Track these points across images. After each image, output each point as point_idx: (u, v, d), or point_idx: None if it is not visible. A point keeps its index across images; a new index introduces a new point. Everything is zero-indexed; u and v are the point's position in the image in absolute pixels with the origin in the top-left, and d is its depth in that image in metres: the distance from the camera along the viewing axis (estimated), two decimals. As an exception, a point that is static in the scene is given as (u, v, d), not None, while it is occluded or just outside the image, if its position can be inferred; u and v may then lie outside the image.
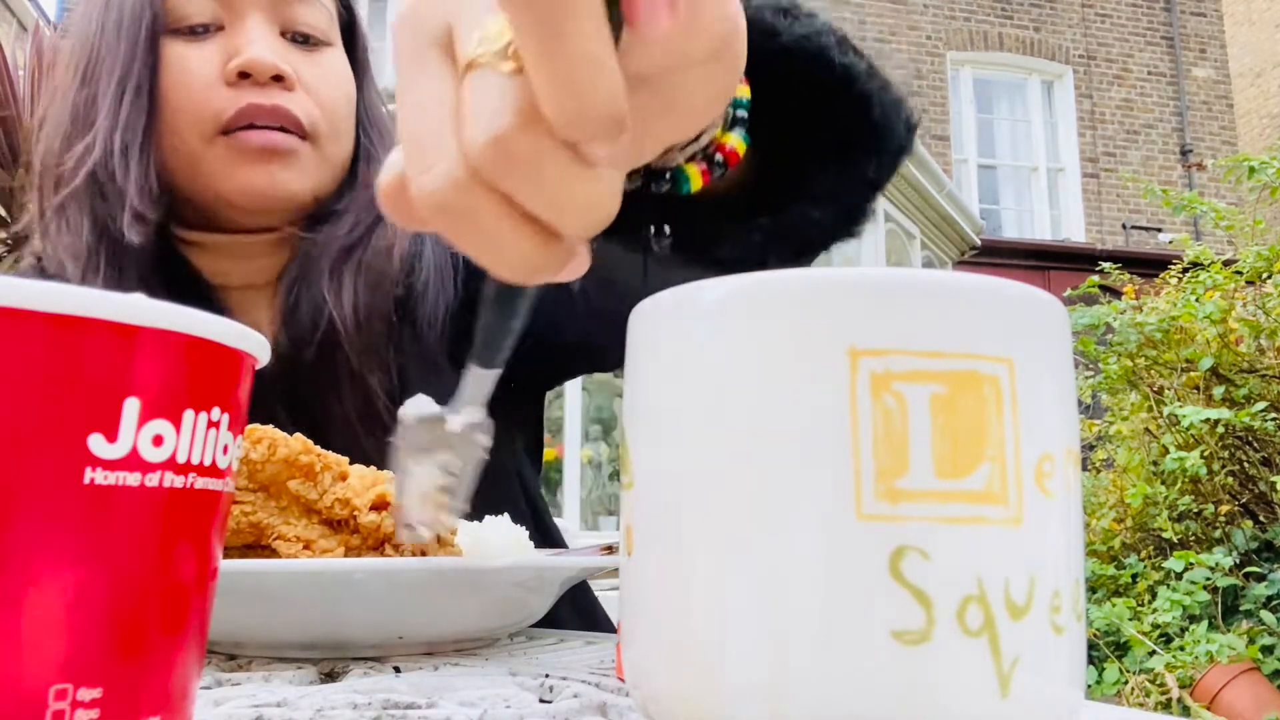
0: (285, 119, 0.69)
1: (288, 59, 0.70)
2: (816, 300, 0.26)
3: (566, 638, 0.59)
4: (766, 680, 0.25)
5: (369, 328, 0.70)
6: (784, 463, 0.25)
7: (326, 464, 0.50)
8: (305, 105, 0.70)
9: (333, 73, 0.73)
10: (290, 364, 0.69)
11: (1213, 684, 2.53)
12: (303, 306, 0.70)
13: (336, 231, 0.72)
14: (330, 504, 0.50)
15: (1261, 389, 3.15)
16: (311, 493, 0.49)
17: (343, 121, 0.74)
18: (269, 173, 0.68)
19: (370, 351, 0.70)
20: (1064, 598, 0.26)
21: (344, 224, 0.72)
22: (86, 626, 0.21)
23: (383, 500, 0.51)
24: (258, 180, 0.68)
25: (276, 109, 0.68)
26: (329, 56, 0.74)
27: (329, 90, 0.72)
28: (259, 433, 0.49)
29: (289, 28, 0.72)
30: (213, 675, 0.43)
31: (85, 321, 0.21)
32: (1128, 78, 8.77)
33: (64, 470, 0.20)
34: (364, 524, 0.50)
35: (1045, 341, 0.27)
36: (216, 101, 0.68)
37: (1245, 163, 3.55)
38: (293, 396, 0.69)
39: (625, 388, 0.30)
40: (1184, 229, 7.44)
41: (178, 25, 0.69)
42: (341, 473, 0.51)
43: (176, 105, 0.68)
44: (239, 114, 0.67)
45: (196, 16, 0.69)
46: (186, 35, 0.69)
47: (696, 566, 0.26)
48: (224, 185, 0.69)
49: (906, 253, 5.77)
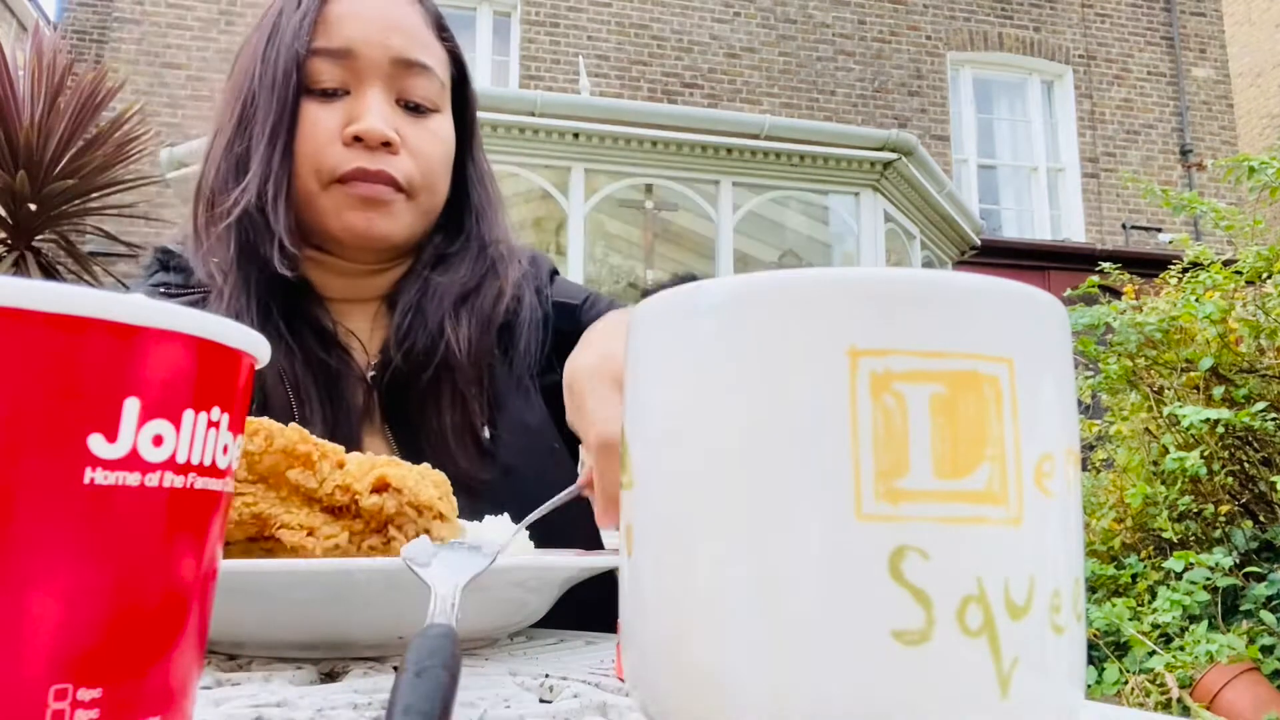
0: (387, 180, 0.81)
1: (397, 125, 0.82)
2: (816, 300, 0.26)
3: (566, 638, 0.59)
4: (767, 680, 0.25)
5: (477, 361, 0.84)
6: (784, 463, 0.25)
7: (324, 452, 0.50)
8: (405, 166, 0.82)
9: (435, 136, 0.85)
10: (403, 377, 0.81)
11: (1213, 684, 2.53)
12: (416, 332, 0.82)
13: (456, 275, 0.86)
14: (331, 491, 0.50)
15: (1261, 389, 3.15)
16: (311, 481, 0.50)
17: (438, 177, 0.86)
18: (368, 219, 0.81)
19: (475, 379, 0.84)
20: (1064, 598, 0.26)
21: (462, 270, 0.87)
22: (86, 626, 0.21)
23: (383, 482, 0.51)
24: (359, 224, 0.81)
25: (380, 173, 0.81)
26: (435, 122, 0.86)
27: (429, 151, 0.84)
28: (255, 424, 0.49)
29: (403, 97, 0.83)
30: (213, 675, 0.43)
31: (85, 321, 0.21)
32: (1128, 78, 8.76)
33: (64, 470, 0.20)
34: (366, 507, 0.50)
35: (1045, 341, 0.27)
36: (334, 158, 0.80)
37: (1245, 163, 3.54)
38: (396, 407, 0.82)
39: (625, 388, 0.30)
40: (1184, 229, 7.44)
41: (313, 86, 0.81)
42: (339, 460, 0.51)
43: (304, 155, 0.81)
44: (351, 173, 0.80)
45: (329, 81, 0.82)
46: (319, 97, 0.82)
47: (696, 566, 0.26)
48: (332, 224, 0.81)
49: (906, 253, 5.77)
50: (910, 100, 8.21)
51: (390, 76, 0.82)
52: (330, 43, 0.81)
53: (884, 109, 8.11)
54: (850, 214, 5.49)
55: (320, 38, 0.81)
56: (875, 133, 5.51)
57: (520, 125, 4.90)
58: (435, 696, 0.26)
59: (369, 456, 0.53)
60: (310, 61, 0.81)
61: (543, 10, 7.71)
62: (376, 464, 0.52)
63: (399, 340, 0.82)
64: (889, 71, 8.23)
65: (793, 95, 7.93)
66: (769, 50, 7.99)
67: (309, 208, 0.82)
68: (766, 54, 7.98)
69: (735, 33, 7.96)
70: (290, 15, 0.82)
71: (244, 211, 0.80)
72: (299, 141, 0.81)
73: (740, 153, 5.19)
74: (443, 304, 0.84)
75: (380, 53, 0.82)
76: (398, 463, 0.53)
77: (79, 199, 4.26)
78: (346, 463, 0.51)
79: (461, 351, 0.82)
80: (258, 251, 0.80)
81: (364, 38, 0.82)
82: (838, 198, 5.52)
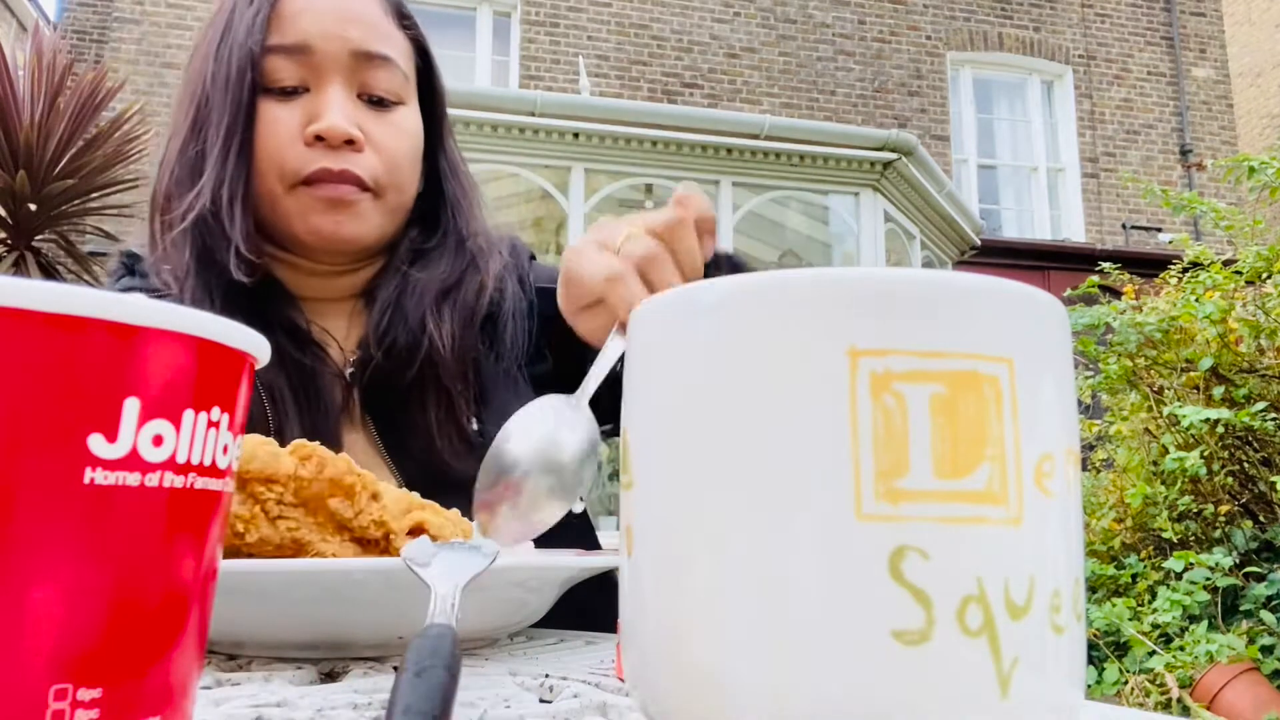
0: (351, 179, 0.79)
1: (360, 120, 0.80)
2: (816, 300, 0.26)
3: (566, 638, 0.59)
4: (766, 680, 0.25)
5: (461, 356, 0.82)
6: (784, 463, 0.25)
7: (364, 484, 0.51)
8: (370, 164, 0.80)
9: (401, 130, 0.82)
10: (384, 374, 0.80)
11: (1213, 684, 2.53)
12: (397, 329, 0.80)
13: (436, 271, 0.84)
14: (366, 524, 0.50)
15: (1261, 389, 3.15)
16: (348, 511, 0.50)
17: (405, 173, 0.83)
18: (335, 222, 0.79)
19: (460, 374, 0.82)
20: (1064, 598, 0.26)
21: (441, 265, 0.85)
22: (86, 626, 0.21)
23: (419, 528, 0.51)
24: (325, 227, 0.79)
25: (344, 172, 0.78)
26: (399, 115, 0.83)
27: (395, 146, 0.81)
28: (308, 449, 0.49)
29: (365, 91, 0.81)
30: (213, 675, 0.43)
31: (85, 321, 0.21)
32: (1128, 78, 8.76)
33: (64, 470, 0.20)
34: (398, 548, 0.50)
35: (1045, 341, 0.27)
36: (296, 159, 0.78)
37: (1245, 163, 3.54)
38: (378, 404, 0.81)
39: (625, 388, 0.30)
40: (1184, 229, 7.44)
41: (271, 85, 0.79)
42: (374, 493, 0.51)
43: (265, 157, 0.78)
44: (314, 174, 0.78)
45: (287, 79, 0.79)
46: (278, 95, 0.79)
47: (696, 566, 0.26)
48: (298, 228, 0.79)
49: (906, 253, 5.77)
50: (910, 100, 8.21)
51: (350, 70, 0.80)
52: (285, 39, 0.78)
53: (884, 109, 8.11)
54: (850, 214, 5.49)
55: (275, 34, 0.78)
56: (875, 133, 5.51)
57: (520, 125, 4.90)
58: (435, 696, 0.26)
59: (405, 494, 0.53)
60: (266, 59, 0.78)
61: (543, 10, 7.71)
62: (413, 505, 0.52)
63: (379, 338, 0.80)
64: (889, 71, 8.23)
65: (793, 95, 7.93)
66: (769, 50, 7.99)
67: (273, 211, 0.80)
68: (766, 54, 7.98)
69: (735, 33, 7.96)
70: (243, 12, 0.79)
71: (199, 217, 0.77)
72: (259, 143, 0.78)
73: (740, 153, 5.19)
74: (423, 300, 0.82)
75: (338, 46, 0.79)
76: (437, 510, 0.53)
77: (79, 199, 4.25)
78: (381, 494, 0.51)
79: (445, 348, 0.81)
80: (214, 258, 0.77)
81: (320, 32, 0.79)
82: (838, 198, 5.51)
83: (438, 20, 7.61)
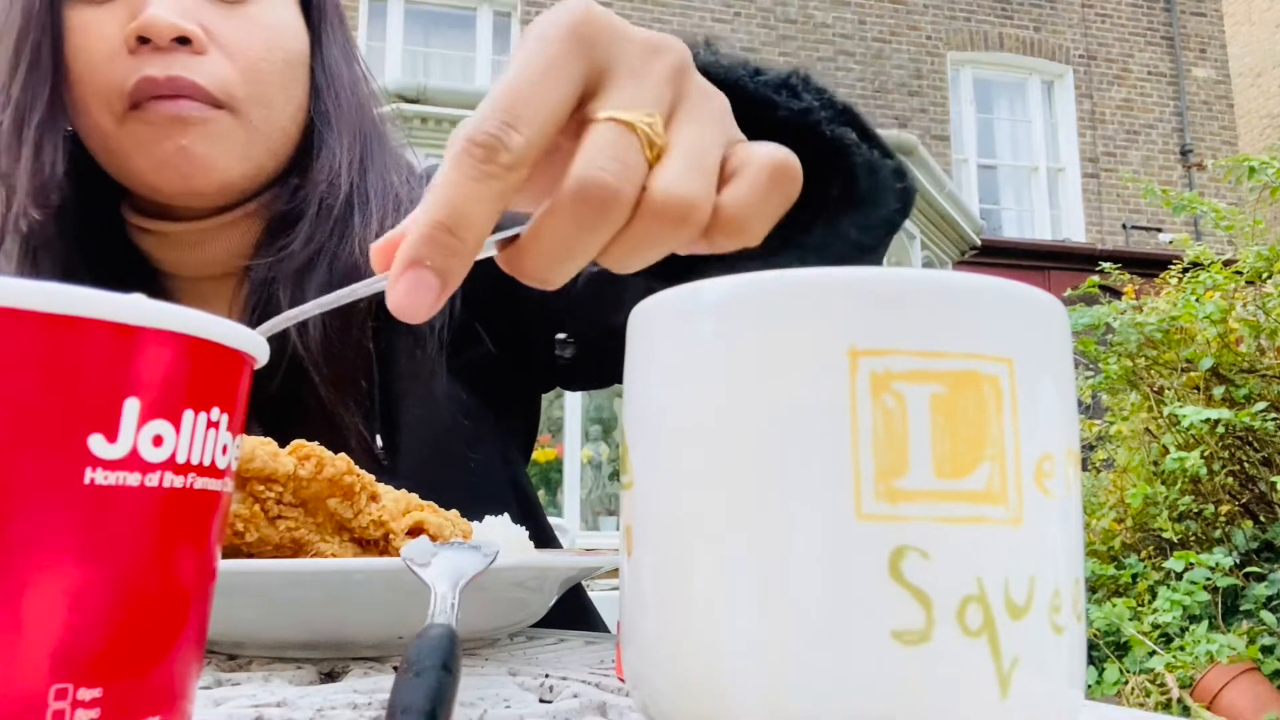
0: (186, 89, 0.60)
1: (201, 16, 0.62)
2: (816, 300, 0.26)
3: (566, 638, 0.59)
4: (766, 680, 0.25)
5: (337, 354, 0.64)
6: (784, 463, 0.25)
7: (364, 484, 0.51)
8: (216, 70, 0.62)
9: (261, 27, 0.64)
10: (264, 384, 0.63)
11: (1213, 684, 2.53)
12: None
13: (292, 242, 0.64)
14: (366, 525, 0.50)
15: (1261, 389, 3.15)
16: (347, 511, 0.50)
17: (274, 84, 0.64)
18: (179, 147, 0.61)
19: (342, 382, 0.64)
20: (1064, 598, 0.26)
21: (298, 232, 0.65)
22: (86, 626, 0.21)
23: (419, 527, 0.51)
24: (169, 154, 0.61)
25: (174, 80, 0.60)
26: (259, 8, 0.65)
27: (254, 49, 0.63)
28: (307, 449, 0.49)
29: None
30: (213, 675, 0.43)
31: (85, 322, 0.21)
32: (1128, 78, 8.76)
33: (64, 470, 0.20)
34: (397, 548, 0.50)
35: (1045, 341, 0.27)
36: (118, 71, 0.60)
37: (1245, 163, 3.55)
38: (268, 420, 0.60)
39: (625, 387, 0.30)
40: (1184, 229, 7.44)
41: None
42: (373, 493, 0.51)
43: (78, 78, 0.61)
44: (137, 86, 0.60)
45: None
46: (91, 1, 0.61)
47: (696, 566, 0.26)
48: (138, 163, 0.62)
49: (906, 253, 5.77)
50: (910, 100, 8.21)
51: None
52: None
53: (884, 109, 8.11)
54: (850, 214, 5.48)
55: None
56: (875, 133, 5.50)
57: (520, 125, 4.89)
58: (435, 696, 0.26)
59: (404, 494, 0.53)
60: None
61: (543, 10, 7.71)
62: (412, 505, 0.52)
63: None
64: (889, 71, 8.23)
65: (793, 95, 7.92)
66: (769, 50, 7.99)
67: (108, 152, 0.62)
68: (766, 54, 7.98)
69: (735, 33, 7.95)
70: None
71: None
72: (70, 61, 0.61)
73: (740, 153, 5.18)
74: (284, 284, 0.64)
75: None
76: (437, 510, 0.53)
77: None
78: (380, 495, 0.52)
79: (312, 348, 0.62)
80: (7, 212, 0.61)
81: None
82: (838, 198, 5.50)
83: (438, 20, 7.61)
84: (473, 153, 0.26)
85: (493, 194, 0.26)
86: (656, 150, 0.28)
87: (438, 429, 0.68)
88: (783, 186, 0.30)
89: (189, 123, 0.61)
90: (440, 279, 0.26)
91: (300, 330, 0.63)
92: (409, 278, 0.26)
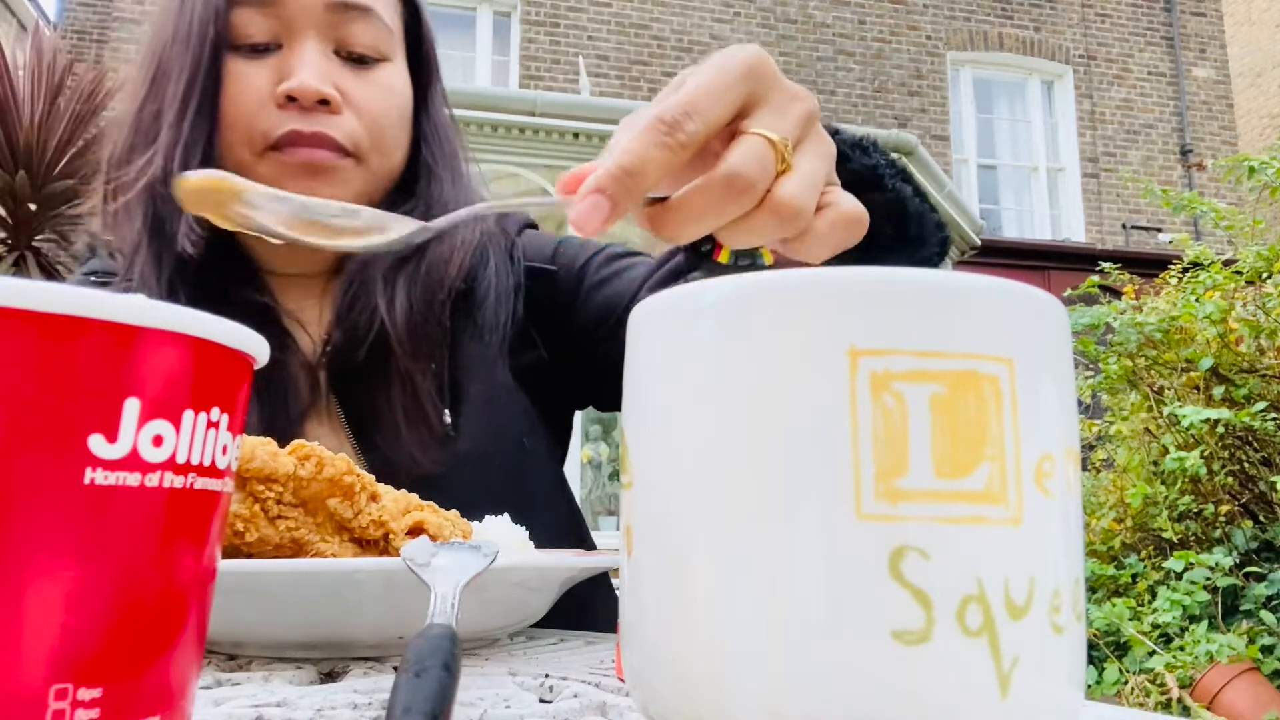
0: (326, 143, 0.72)
1: (338, 79, 0.73)
2: (816, 300, 0.26)
3: (566, 638, 0.59)
4: (766, 680, 0.25)
5: (420, 335, 0.74)
6: (784, 463, 0.25)
7: (364, 484, 0.51)
8: (349, 126, 0.73)
9: (384, 89, 0.75)
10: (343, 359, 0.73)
11: (1213, 684, 2.53)
12: (357, 307, 0.74)
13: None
14: (365, 525, 0.50)
15: (1261, 389, 3.15)
16: (347, 511, 0.50)
17: (391, 136, 0.76)
18: (311, 188, 0.71)
19: (423, 355, 0.74)
20: (1064, 598, 0.26)
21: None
22: (86, 626, 0.21)
23: (419, 527, 0.51)
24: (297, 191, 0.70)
25: (317, 135, 0.71)
26: (383, 73, 0.76)
27: (378, 107, 0.75)
28: (307, 450, 0.49)
29: (343, 47, 0.74)
30: (213, 675, 0.43)
31: (85, 322, 0.21)
32: (1128, 78, 8.76)
33: (64, 470, 0.20)
34: (397, 548, 0.50)
35: (1045, 341, 0.27)
36: (266, 121, 0.71)
37: (1245, 163, 3.54)
38: (345, 389, 0.74)
39: (625, 388, 0.30)
40: (1184, 229, 7.44)
41: (239, 43, 0.72)
42: (373, 493, 0.51)
43: (232, 121, 0.72)
44: (284, 136, 0.71)
45: (257, 35, 0.72)
46: (247, 54, 0.72)
47: (696, 566, 0.26)
48: None
49: (906, 253, 5.76)
50: (910, 100, 8.21)
51: (326, 24, 0.72)
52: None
53: (884, 109, 8.11)
54: (850, 214, 5.49)
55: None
56: (875, 132, 5.50)
57: (520, 125, 4.90)
58: (435, 696, 0.26)
59: (404, 495, 0.53)
60: (233, 13, 0.71)
61: (543, 10, 7.71)
62: (412, 505, 0.52)
63: (342, 316, 0.74)
64: (889, 71, 8.23)
65: (793, 95, 7.92)
66: (769, 50, 7.95)
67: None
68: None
69: (735, 33, 7.95)
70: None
71: (151, 182, 0.71)
72: (225, 105, 0.71)
73: (740, 153, 5.18)
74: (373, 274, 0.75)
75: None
76: (437, 510, 0.53)
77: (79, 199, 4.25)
78: (380, 495, 0.52)
79: (398, 324, 0.73)
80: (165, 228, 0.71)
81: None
82: (838, 198, 5.51)
83: (438, 20, 7.58)
84: (659, 127, 0.35)
85: (665, 158, 0.35)
86: (784, 166, 0.37)
87: (497, 411, 0.77)
88: (853, 230, 0.41)
89: (321, 169, 0.72)
90: (612, 207, 0.35)
91: (389, 305, 0.73)
92: (591, 200, 0.35)
